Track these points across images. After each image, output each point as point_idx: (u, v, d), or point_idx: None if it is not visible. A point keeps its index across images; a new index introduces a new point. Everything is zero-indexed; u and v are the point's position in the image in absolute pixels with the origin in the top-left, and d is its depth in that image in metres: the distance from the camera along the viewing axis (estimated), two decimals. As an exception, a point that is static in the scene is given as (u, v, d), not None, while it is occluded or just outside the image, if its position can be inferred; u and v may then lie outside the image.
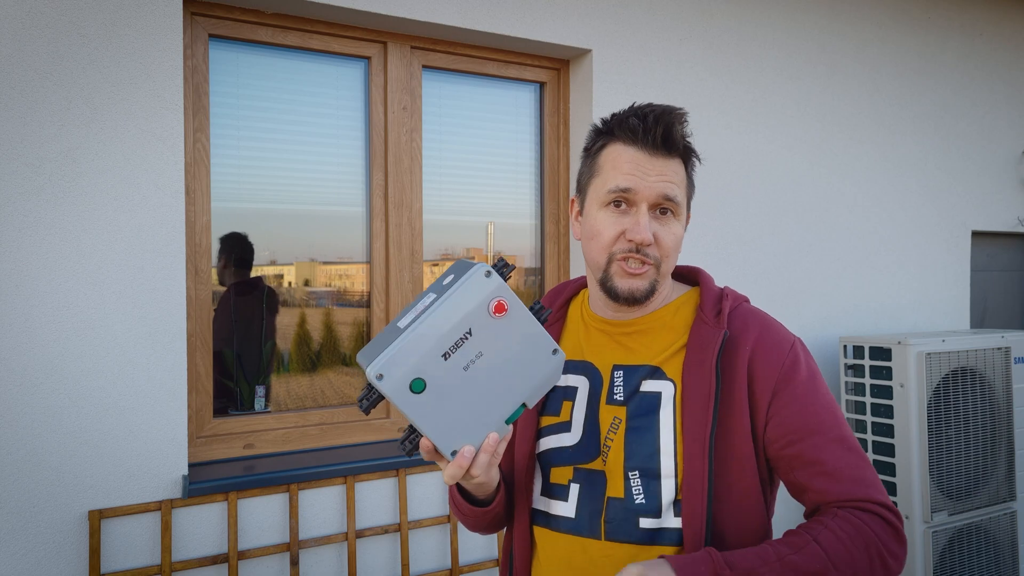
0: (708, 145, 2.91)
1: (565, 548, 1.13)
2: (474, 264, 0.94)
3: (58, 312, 1.90)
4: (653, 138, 1.07)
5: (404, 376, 0.88)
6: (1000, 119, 3.76)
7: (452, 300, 0.91)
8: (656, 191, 1.07)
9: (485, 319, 0.92)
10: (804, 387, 1.08)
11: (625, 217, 1.09)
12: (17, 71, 1.85)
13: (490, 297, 0.92)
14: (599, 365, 1.17)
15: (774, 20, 3.08)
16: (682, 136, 1.09)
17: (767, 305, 3.03)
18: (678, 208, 1.10)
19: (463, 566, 2.40)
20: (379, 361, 0.88)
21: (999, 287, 3.93)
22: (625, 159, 1.09)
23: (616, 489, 1.10)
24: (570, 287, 1.28)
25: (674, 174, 1.09)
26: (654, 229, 1.08)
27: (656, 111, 1.08)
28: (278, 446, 2.32)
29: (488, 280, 0.92)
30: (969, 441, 2.90)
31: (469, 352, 0.91)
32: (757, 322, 1.13)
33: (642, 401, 1.11)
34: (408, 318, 0.93)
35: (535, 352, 0.95)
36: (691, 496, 1.05)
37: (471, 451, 0.93)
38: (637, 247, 1.07)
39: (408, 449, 0.94)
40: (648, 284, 1.10)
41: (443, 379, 0.90)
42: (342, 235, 2.48)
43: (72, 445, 1.91)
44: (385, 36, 2.45)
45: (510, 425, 0.96)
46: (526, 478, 1.18)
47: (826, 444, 1.05)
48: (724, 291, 1.16)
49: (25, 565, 1.86)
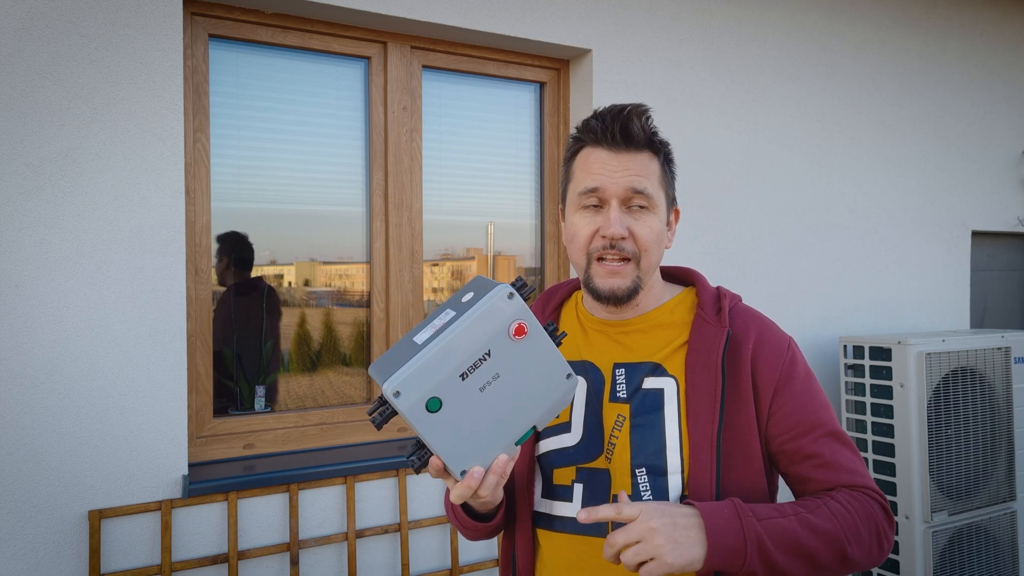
0: (708, 145, 2.91)
1: (571, 548, 1.13)
2: (495, 284, 0.93)
3: (58, 312, 1.90)
4: (612, 135, 1.10)
5: (422, 395, 0.88)
6: (1000, 119, 3.76)
7: (473, 320, 0.90)
8: (622, 186, 1.09)
9: (504, 341, 0.91)
10: (802, 385, 1.13)
11: (598, 216, 1.11)
12: (17, 71, 1.85)
13: (511, 319, 0.91)
14: (599, 364, 1.17)
15: (774, 20, 3.08)
16: (642, 129, 1.11)
17: (767, 305, 3.03)
18: (650, 201, 1.11)
19: (463, 566, 2.40)
20: (397, 378, 0.87)
21: (999, 287, 3.93)
22: (592, 160, 1.12)
23: (623, 486, 1.11)
24: (561, 290, 1.30)
25: (641, 167, 1.11)
26: (627, 223, 1.10)
27: (614, 109, 1.12)
28: (278, 446, 2.32)
29: (511, 302, 0.91)
30: (969, 441, 2.90)
31: (486, 373, 0.91)
32: (755, 322, 1.16)
33: (645, 398, 1.12)
34: (425, 334, 0.92)
35: (550, 375, 0.95)
36: (698, 491, 1.07)
37: (480, 472, 0.93)
38: (611, 242, 1.09)
39: (416, 466, 0.93)
40: (629, 283, 1.11)
41: (459, 399, 0.90)
42: (342, 235, 2.48)
43: (72, 445, 1.91)
44: (385, 36, 2.45)
45: (518, 447, 0.96)
46: (527, 482, 1.18)
47: (823, 438, 1.11)
48: (720, 290, 1.19)
49: (25, 565, 1.86)
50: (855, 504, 1.07)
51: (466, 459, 0.92)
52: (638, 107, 1.12)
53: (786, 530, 1.01)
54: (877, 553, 1.08)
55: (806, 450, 1.11)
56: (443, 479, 0.96)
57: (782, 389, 1.11)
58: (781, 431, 1.11)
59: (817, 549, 1.02)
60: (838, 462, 1.11)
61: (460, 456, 0.92)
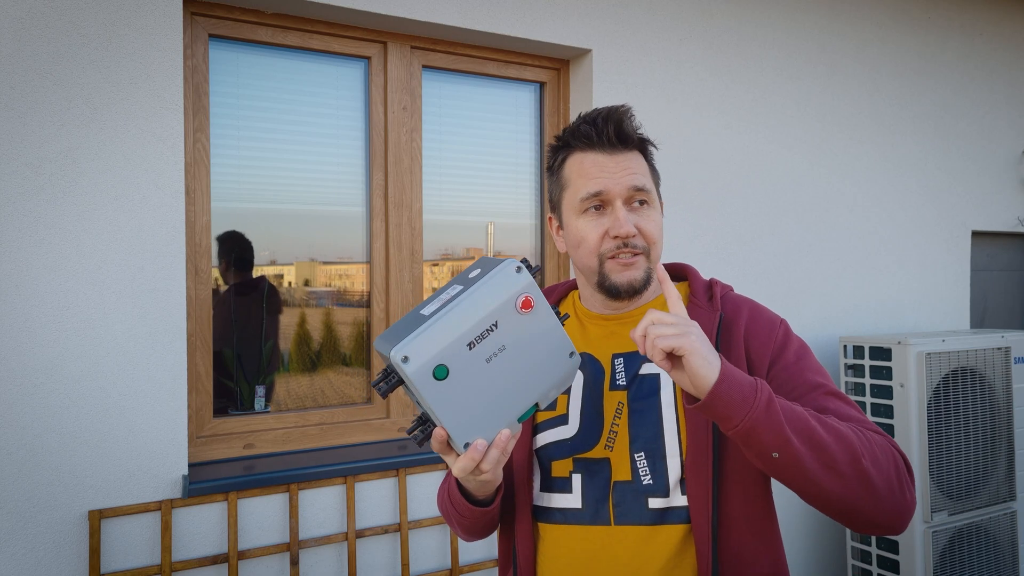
0: (708, 145, 2.91)
1: (573, 539, 1.14)
2: (503, 260, 0.94)
3: (58, 312, 1.90)
4: (607, 137, 1.13)
5: (430, 361, 0.88)
6: (1000, 119, 3.76)
7: (482, 291, 0.91)
8: (625, 185, 1.12)
9: (512, 314, 0.92)
10: (797, 354, 1.14)
11: (604, 218, 1.13)
12: (17, 71, 1.85)
13: (520, 292, 0.92)
14: (599, 356, 1.19)
15: (774, 20, 3.08)
16: (633, 129, 1.15)
17: (767, 305, 3.02)
18: (650, 196, 1.15)
19: (463, 566, 2.40)
20: (405, 343, 0.87)
21: (999, 287, 3.93)
22: (588, 164, 1.14)
23: (623, 472, 1.12)
24: (559, 289, 1.32)
25: (637, 165, 1.15)
26: (634, 220, 1.13)
27: (603, 112, 1.15)
28: (278, 446, 2.32)
29: (519, 275, 0.93)
30: (969, 441, 2.90)
31: (493, 345, 0.91)
32: (746, 306, 1.19)
33: (642, 384, 1.14)
34: (433, 306, 0.93)
35: (554, 352, 0.96)
36: (696, 472, 1.08)
37: (484, 445, 0.92)
38: (624, 241, 1.12)
39: (420, 439, 0.93)
40: (643, 273, 1.14)
41: (465, 369, 0.90)
42: (342, 235, 2.48)
43: (72, 445, 1.91)
44: (385, 36, 2.45)
45: (521, 423, 0.96)
46: (526, 476, 1.18)
47: (826, 396, 1.10)
48: (712, 280, 1.23)
49: (25, 565, 1.86)
50: (876, 437, 1.02)
51: (470, 431, 0.92)
52: (625, 108, 1.15)
53: (798, 412, 0.97)
54: (899, 490, 1.00)
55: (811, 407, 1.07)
56: (444, 454, 0.95)
57: (778, 359, 1.12)
58: (783, 395, 1.08)
59: (827, 441, 0.96)
60: (849, 415, 1.07)
61: (464, 428, 0.91)
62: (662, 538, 1.09)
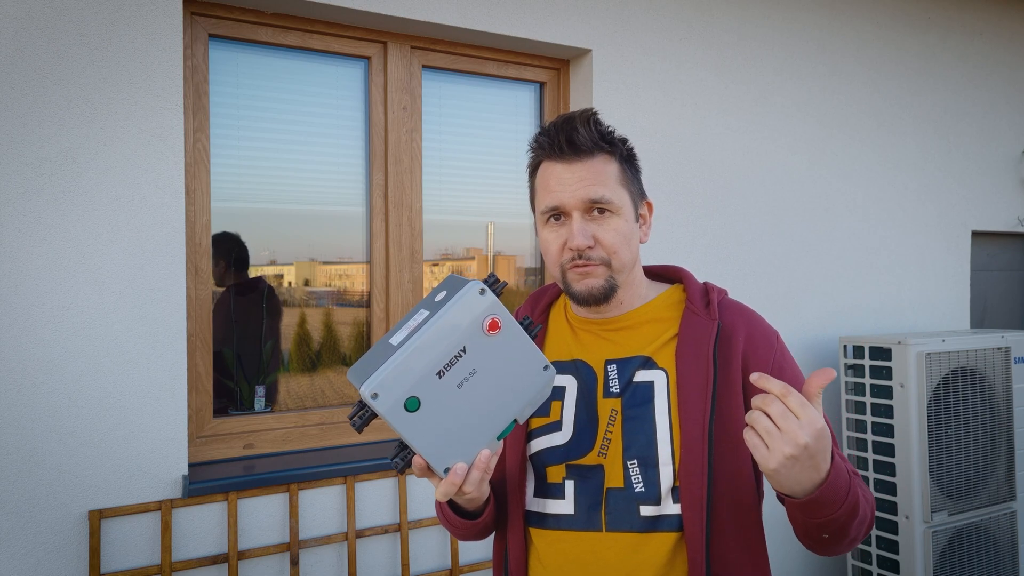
0: (708, 145, 2.90)
1: (564, 545, 1.14)
2: (467, 281, 0.94)
3: (58, 312, 1.90)
4: (560, 147, 1.11)
5: (400, 395, 0.88)
6: (1000, 119, 3.76)
7: (446, 318, 0.91)
8: (579, 198, 1.10)
9: (479, 337, 0.92)
10: (792, 375, 1.15)
11: (563, 228, 1.13)
12: (17, 71, 1.85)
13: (484, 315, 0.92)
14: (591, 362, 1.19)
15: (774, 20, 3.08)
16: (589, 134, 1.11)
17: (767, 305, 3.03)
18: (611, 205, 1.11)
19: (463, 566, 2.40)
20: (374, 380, 0.87)
21: (999, 287, 3.93)
22: (548, 175, 1.14)
23: (615, 480, 1.12)
24: (549, 292, 1.31)
25: (596, 174, 1.11)
26: (592, 231, 1.11)
27: (558, 121, 1.13)
28: (278, 446, 2.32)
29: (483, 298, 0.92)
30: (969, 441, 2.90)
31: (463, 370, 0.91)
32: (744, 315, 1.18)
33: (636, 391, 1.14)
34: (401, 335, 0.92)
35: (527, 368, 0.96)
36: (690, 481, 1.08)
37: (464, 468, 0.93)
38: (579, 253, 1.11)
39: (400, 467, 0.93)
40: (603, 282, 1.12)
41: (437, 397, 0.90)
42: (342, 235, 2.48)
43: (72, 445, 1.91)
44: (385, 36, 2.45)
45: (501, 441, 0.97)
46: (519, 482, 1.18)
47: None
48: (707, 284, 1.21)
49: (25, 565, 1.86)
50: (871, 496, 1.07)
51: (448, 456, 0.93)
52: (584, 113, 1.13)
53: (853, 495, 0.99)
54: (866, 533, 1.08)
55: None
56: (427, 478, 0.96)
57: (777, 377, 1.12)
58: None
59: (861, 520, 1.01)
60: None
61: (442, 454, 0.92)
62: (653, 545, 1.10)
